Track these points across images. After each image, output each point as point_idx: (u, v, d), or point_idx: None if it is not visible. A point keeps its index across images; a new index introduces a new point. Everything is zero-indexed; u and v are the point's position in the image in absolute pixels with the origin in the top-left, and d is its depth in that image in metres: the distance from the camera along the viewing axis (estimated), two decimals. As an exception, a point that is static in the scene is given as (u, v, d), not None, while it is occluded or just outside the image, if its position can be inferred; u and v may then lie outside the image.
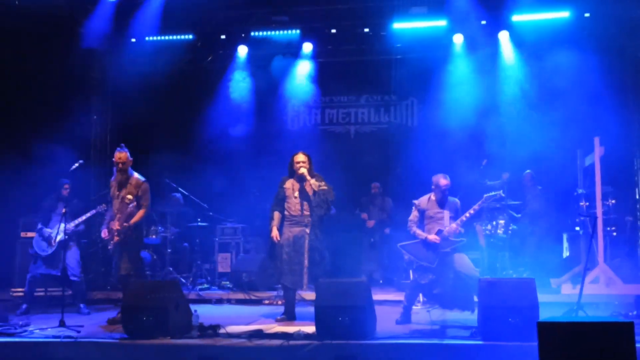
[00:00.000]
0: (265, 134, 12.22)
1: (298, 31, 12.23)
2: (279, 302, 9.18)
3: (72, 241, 8.77)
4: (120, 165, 7.84)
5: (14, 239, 9.78)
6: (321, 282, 6.64)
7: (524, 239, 10.24)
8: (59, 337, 6.53)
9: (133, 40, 12.35)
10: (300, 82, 12.58)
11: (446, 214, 7.34)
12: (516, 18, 11.41)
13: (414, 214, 7.56)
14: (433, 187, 7.52)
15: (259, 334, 6.43)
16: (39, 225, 8.77)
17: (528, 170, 10.43)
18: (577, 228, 10.08)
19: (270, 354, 6.05)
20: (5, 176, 9.41)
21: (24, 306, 8.51)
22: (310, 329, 6.43)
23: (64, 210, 8.06)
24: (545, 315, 5.51)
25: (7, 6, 10.07)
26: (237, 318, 7.85)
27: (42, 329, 6.88)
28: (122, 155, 7.85)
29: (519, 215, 10.28)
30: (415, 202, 7.62)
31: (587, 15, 11.14)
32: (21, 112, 10.69)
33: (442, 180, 7.45)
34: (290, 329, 6.63)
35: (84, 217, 8.69)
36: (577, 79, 10.52)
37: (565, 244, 10.48)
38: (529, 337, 5.38)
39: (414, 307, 7.69)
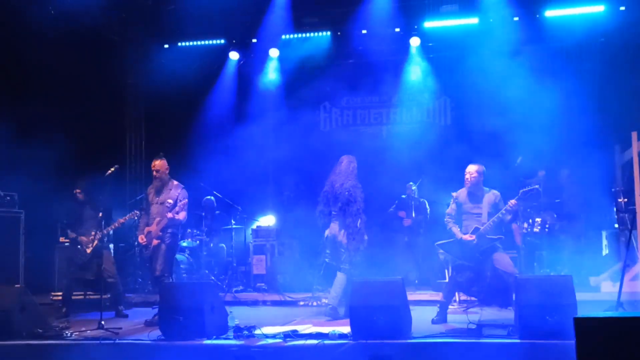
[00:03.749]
0: (298, 136, 12.25)
1: (329, 33, 12.25)
2: (315, 303, 9.21)
3: (105, 245, 8.89)
4: (155, 172, 8.06)
5: (53, 244, 9.96)
6: (356, 282, 6.62)
7: (561, 237, 10.08)
8: (97, 339, 6.62)
9: (166, 46, 12.52)
10: (331, 83, 12.59)
11: (484, 209, 7.25)
12: (549, 13, 11.27)
13: (452, 207, 7.48)
14: (466, 178, 7.47)
15: (294, 334, 6.43)
16: (73, 234, 8.86)
17: (565, 169, 10.27)
18: (616, 225, 9.88)
19: (305, 354, 6.04)
20: (43, 182, 9.59)
21: (64, 309, 8.65)
22: (345, 329, 6.42)
23: (100, 215, 8.18)
24: (584, 313, 5.40)
25: (43, 16, 10.26)
26: (273, 319, 7.87)
27: (81, 332, 6.98)
28: (158, 162, 8.07)
29: (555, 216, 10.13)
30: (454, 194, 7.54)
31: (622, 8, 10.95)
32: (57, 119, 10.87)
33: (471, 167, 7.39)
34: (325, 329, 6.63)
35: (116, 224, 8.78)
36: (614, 73, 10.34)
37: (605, 242, 10.28)
38: (566, 335, 5.29)
39: (450, 306, 7.63)
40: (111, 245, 9.86)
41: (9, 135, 10.17)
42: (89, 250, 8.64)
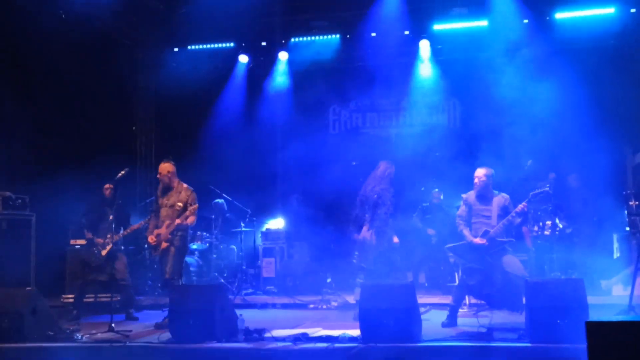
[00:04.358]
0: (307, 138, 12.25)
1: (338, 36, 12.25)
2: (324, 307, 9.22)
3: (120, 248, 8.93)
4: (158, 175, 8.12)
5: (64, 247, 10.00)
6: (365, 285, 6.62)
7: (572, 240, 10.04)
8: (108, 341, 6.65)
9: (176, 49, 12.57)
10: (340, 86, 12.59)
11: (494, 211, 7.23)
12: (559, 15, 11.23)
13: (462, 209, 7.48)
14: (474, 181, 7.47)
15: (304, 337, 6.43)
16: (90, 235, 8.90)
17: (573, 174, 10.23)
18: (627, 228, 9.82)
19: (315, 357, 6.04)
20: (54, 185, 9.64)
21: (75, 312, 8.68)
22: (355, 332, 6.41)
23: (110, 217, 8.21)
24: (595, 317, 5.38)
25: (54, 20, 10.33)
26: (282, 322, 7.87)
27: (91, 334, 7.01)
28: (161, 165, 8.13)
29: (563, 224, 10.07)
30: (464, 195, 7.54)
31: (632, 10, 10.90)
32: (69, 122, 10.94)
33: (479, 171, 7.39)
34: (335, 332, 6.62)
35: (130, 230, 8.82)
36: (625, 75, 10.29)
37: (616, 245, 10.22)
38: (578, 338, 5.26)
39: (460, 310, 7.60)
40: (122, 248, 9.89)
41: (21, 138, 10.24)
42: (104, 253, 8.66)
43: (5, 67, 10.18)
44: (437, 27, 11.75)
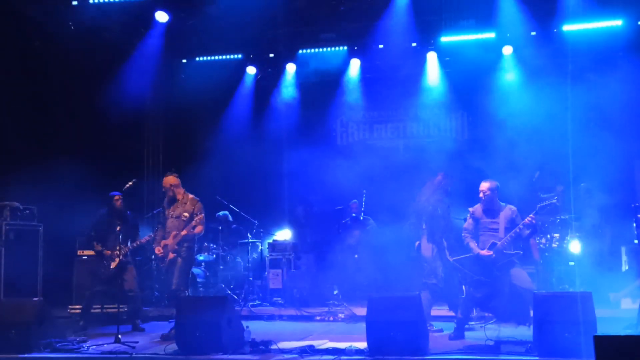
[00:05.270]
0: (315, 150, 12.25)
1: (345, 48, 12.27)
2: (331, 318, 9.20)
3: (129, 260, 8.93)
4: (163, 188, 8.17)
5: (72, 258, 10.02)
6: (372, 297, 6.60)
7: (580, 252, 9.98)
8: (114, 352, 6.65)
9: (184, 61, 12.62)
10: (348, 98, 12.61)
11: (501, 224, 7.21)
12: (567, 28, 11.21)
13: (469, 222, 7.46)
14: (480, 195, 7.45)
15: (310, 349, 6.42)
16: (99, 247, 8.89)
17: (583, 184, 10.19)
18: (636, 241, 9.77)
19: (321, 370, 6.04)
20: (62, 196, 9.67)
21: (81, 322, 8.68)
22: (362, 344, 6.39)
23: (118, 228, 8.22)
24: (603, 330, 5.35)
25: (63, 32, 10.40)
26: (289, 334, 7.86)
27: (98, 345, 7.02)
28: (165, 178, 8.20)
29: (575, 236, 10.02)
30: (471, 209, 7.52)
31: (641, 23, 10.90)
32: (76, 133, 10.98)
33: (483, 185, 7.36)
34: (342, 344, 6.60)
35: (139, 242, 8.82)
36: (633, 87, 10.27)
37: (624, 257, 10.16)
38: (586, 352, 5.23)
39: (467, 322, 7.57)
40: (131, 260, 9.89)
41: (29, 149, 10.29)
42: (113, 265, 8.66)
43: (14, 78, 10.26)
44: (445, 39, 11.75)
